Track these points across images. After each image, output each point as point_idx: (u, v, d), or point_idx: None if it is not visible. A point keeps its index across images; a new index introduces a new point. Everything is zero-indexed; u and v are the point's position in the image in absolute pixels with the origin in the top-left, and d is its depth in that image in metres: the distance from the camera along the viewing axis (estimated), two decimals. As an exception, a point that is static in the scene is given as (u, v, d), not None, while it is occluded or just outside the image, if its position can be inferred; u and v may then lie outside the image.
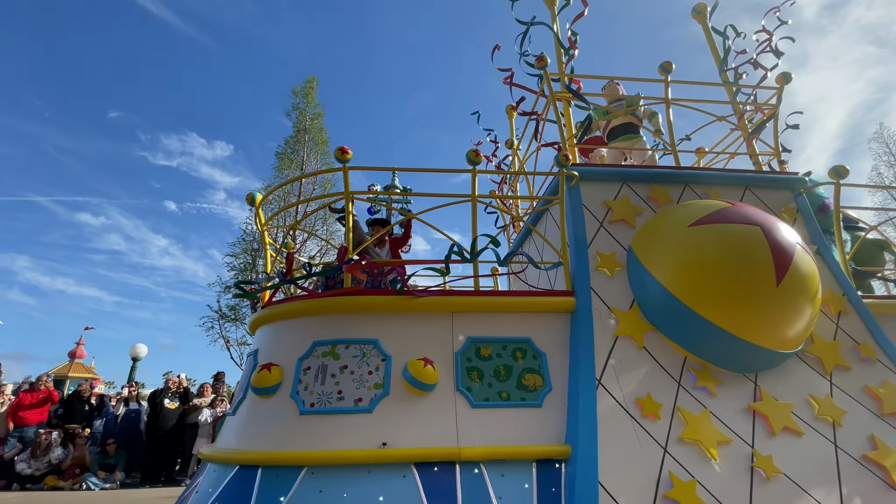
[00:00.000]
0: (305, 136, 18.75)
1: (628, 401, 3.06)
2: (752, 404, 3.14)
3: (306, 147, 18.46)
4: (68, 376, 16.53)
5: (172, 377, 8.78)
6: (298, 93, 19.71)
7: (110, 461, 7.64)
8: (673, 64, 4.39)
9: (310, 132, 18.91)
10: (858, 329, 3.67)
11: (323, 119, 19.87)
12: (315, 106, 19.69)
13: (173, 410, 8.13)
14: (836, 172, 4.06)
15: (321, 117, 19.78)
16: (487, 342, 3.32)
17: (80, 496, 6.73)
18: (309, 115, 19.29)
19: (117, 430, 8.34)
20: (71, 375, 16.59)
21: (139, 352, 13.65)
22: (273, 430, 3.02)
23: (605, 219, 3.91)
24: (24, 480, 7.21)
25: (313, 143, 18.89)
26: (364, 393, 3.03)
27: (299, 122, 19.09)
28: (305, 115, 19.24)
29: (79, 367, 17.29)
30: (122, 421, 8.49)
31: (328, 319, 3.36)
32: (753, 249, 3.16)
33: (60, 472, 7.45)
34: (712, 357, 3.28)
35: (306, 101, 19.56)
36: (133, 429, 8.33)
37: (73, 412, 8.29)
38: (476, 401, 3.06)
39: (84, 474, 7.37)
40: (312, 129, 19.08)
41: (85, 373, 17.04)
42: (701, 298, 3.20)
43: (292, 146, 18.49)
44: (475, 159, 3.59)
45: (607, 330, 3.38)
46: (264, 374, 3.17)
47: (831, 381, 3.39)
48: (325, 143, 19.23)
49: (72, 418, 8.18)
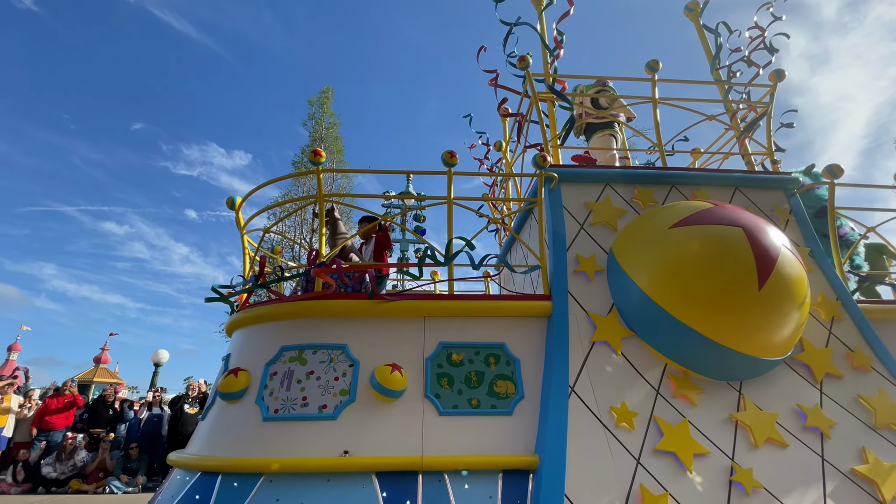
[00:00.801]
0: (322, 145, 19.17)
1: (602, 409, 2.94)
2: (733, 414, 3.00)
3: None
4: (93, 381, 16.88)
5: (193, 382, 8.92)
6: (314, 103, 20.17)
7: (133, 465, 7.74)
8: (660, 62, 4.28)
9: (325, 141, 19.32)
10: (853, 335, 3.49)
11: (338, 128, 20.29)
12: (330, 115, 20.15)
13: (194, 415, 8.23)
14: (829, 172, 3.90)
15: (336, 126, 20.20)
16: (460, 347, 3.23)
17: (104, 500, 6.82)
18: (324, 125, 19.73)
19: (140, 434, 8.45)
20: (96, 380, 16.93)
21: (161, 357, 13.86)
22: (236, 437, 2.97)
23: (586, 221, 3.80)
24: (50, 484, 7.33)
25: (329, 151, 19.27)
26: (329, 399, 2.97)
27: (315, 132, 19.53)
28: (321, 124, 19.69)
29: (104, 373, 17.68)
30: (144, 426, 8.61)
31: (298, 324, 3.31)
32: (735, 252, 3.03)
33: (84, 475, 7.56)
34: (693, 364, 3.14)
35: (322, 111, 20.02)
36: (155, 433, 8.43)
37: (97, 417, 8.46)
38: (444, 408, 2.97)
39: (107, 478, 7.47)
40: (328, 137, 19.49)
41: (109, 378, 17.40)
42: (680, 303, 3.07)
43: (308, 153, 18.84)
44: (450, 161, 3.53)
45: (584, 335, 3.27)
46: (230, 380, 3.13)
47: (821, 390, 3.22)
48: (341, 151, 19.64)
49: (96, 423, 8.36)
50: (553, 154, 4.33)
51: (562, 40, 4.78)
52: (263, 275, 3.48)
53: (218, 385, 3.18)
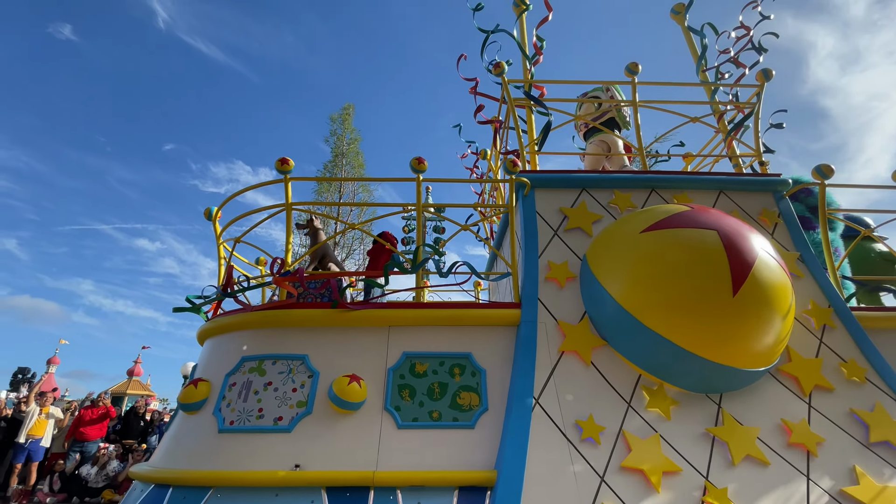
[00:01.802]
0: (343, 160, 19.69)
1: (567, 423, 2.79)
2: (710, 429, 2.81)
3: (344, 170, 19.33)
4: (126, 393, 17.32)
5: None
6: (336, 119, 20.76)
7: (163, 475, 7.85)
8: (639, 65, 4.18)
9: (347, 156, 19.88)
10: (846, 345, 3.26)
11: (359, 143, 20.81)
12: (351, 131, 20.71)
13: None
14: (819, 172, 3.70)
15: (357, 142, 20.74)
16: (424, 358, 3.13)
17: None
18: (346, 140, 20.26)
19: (170, 445, 8.61)
20: (129, 392, 17.36)
21: (190, 370, 14.03)
22: (190, 448, 2.92)
23: (560, 227, 3.69)
24: (84, 493, 7.45)
25: (350, 166, 19.82)
26: (285, 411, 2.90)
27: (337, 147, 20.08)
28: (343, 140, 20.23)
29: (136, 385, 18.13)
30: (174, 437, 8.78)
31: (260, 334, 3.27)
32: (708, 256, 2.88)
33: (117, 485, 7.66)
34: (668, 375, 2.97)
35: (343, 127, 20.58)
36: (184, 444, 8.58)
37: (129, 428, 8.67)
38: (403, 421, 2.86)
39: (139, 488, 7.56)
40: (349, 152, 20.04)
41: (142, 390, 17.83)
42: (651, 310, 2.92)
43: (331, 170, 19.39)
44: (418, 167, 3.48)
45: (553, 344, 3.13)
46: (189, 390, 3.09)
47: (810, 403, 3.00)
48: (362, 165, 20.19)
49: (128, 434, 8.55)
50: (531, 160, 4.25)
51: (542, 46, 4.72)
52: (230, 284, 3.46)
53: (178, 396, 3.15)
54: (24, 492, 7.34)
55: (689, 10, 5.05)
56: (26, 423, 7.65)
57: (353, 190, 19.11)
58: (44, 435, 7.81)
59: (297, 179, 3.60)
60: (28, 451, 7.58)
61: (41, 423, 7.80)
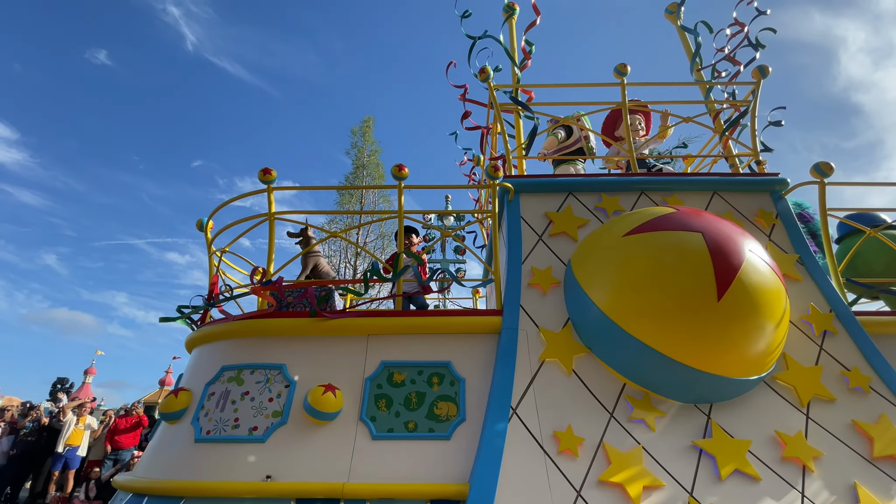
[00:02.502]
0: (364, 172, 20.09)
1: (545, 434, 2.70)
2: (697, 441, 2.67)
3: (365, 181, 19.72)
4: (158, 402, 17.76)
5: None
6: (356, 132, 21.25)
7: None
8: (628, 66, 4.10)
9: (367, 167, 20.30)
10: (849, 352, 3.07)
11: (379, 155, 21.26)
12: (372, 143, 21.16)
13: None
14: (818, 170, 3.54)
15: (378, 153, 21.14)
16: (402, 367, 3.08)
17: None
18: (366, 152, 20.69)
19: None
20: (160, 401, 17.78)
21: None
22: (168, 458, 2.93)
23: (545, 232, 3.61)
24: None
25: (371, 177, 20.22)
26: (261, 421, 2.88)
27: (358, 159, 20.54)
28: (363, 152, 20.70)
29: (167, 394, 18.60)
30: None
31: (240, 343, 3.28)
32: (691, 259, 2.76)
33: None
34: (654, 385, 2.85)
35: (364, 140, 21.02)
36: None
37: None
38: (378, 432, 2.81)
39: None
40: (370, 164, 20.46)
41: None
42: (634, 317, 2.81)
43: (352, 181, 19.77)
44: (399, 174, 3.46)
45: (533, 352, 3.04)
46: (170, 400, 3.11)
47: (808, 414, 2.82)
48: (383, 177, 20.64)
49: None
50: (518, 164, 4.20)
51: (531, 50, 4.69)
52: (212, 295, 3.49)
53: (158, 406, 3.17)
54: (61, 499, 7.64)
55: (681, 8, 4.94)
56: (64, 433, 7.99)
57: (373, 200, 19.37)
58: (80, 444, 8.16)
59: (280, 189, 3.63)
60: (65, 459, 7.93)
61: (78, 433, 8.17)
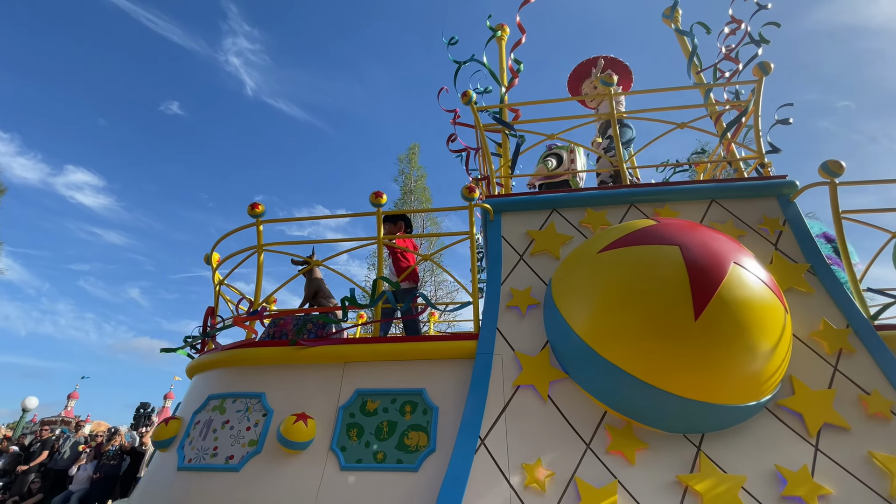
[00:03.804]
0: (411, 197, 20.84)
1: (513, 466, 2.56)
2: (681, 476, 2.42)
3: (412, 206, 20.40)
4: None
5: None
6: (403, 159, 22.20)
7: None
8: (614, 76, 3.96)
9: (415, 192, 21.09)
10: (868, 373, 2.70)
11: (426, 179, 22.01)
12: (418, 169, 22.00)
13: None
14: (826, 170, 3.21)
15: (424, 178, 21.93)
16: (376, 395, 3.05)
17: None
18: (413, 178, 21.50)
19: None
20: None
21: None
22: (153, 485, 3.05)
23: (526, 251, 3.50)
24: None
25: (418, 201, 20.93)
26: (237, 450, 2.94)
27: (405, 185, 21.40)
28: (410, 178, 21.49)
29: None
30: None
31: (227, 372, 3.39)
32: (666, 275, 2.56)
33: None
34: (635, 413, 2.63)
35: (410, 166, 21.88)
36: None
37: None
38: (347, 462, 2.78)
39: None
40: (417, 189, 21.26)
41: None
42: (607, 339, 2.64)
43: (400, 206, 20.57)
44: (375, 201, 3.51)
45: (508, 378, 2.92)
46: (160, 428, 3.25)
47: (816, 445, 2.49)
48: (430, 201, 21.31)
49: None
50: (504, 183, 4.13)
51: (518, 69, 4.66)
52: (206, 326, 3.65)
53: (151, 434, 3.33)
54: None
55: (674, 10, 4.73)
56: (147, 458, 8.47)
57: (421, 224, 19.90)
58: None
59: (268, 222, 3.78)
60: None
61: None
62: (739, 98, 4.23)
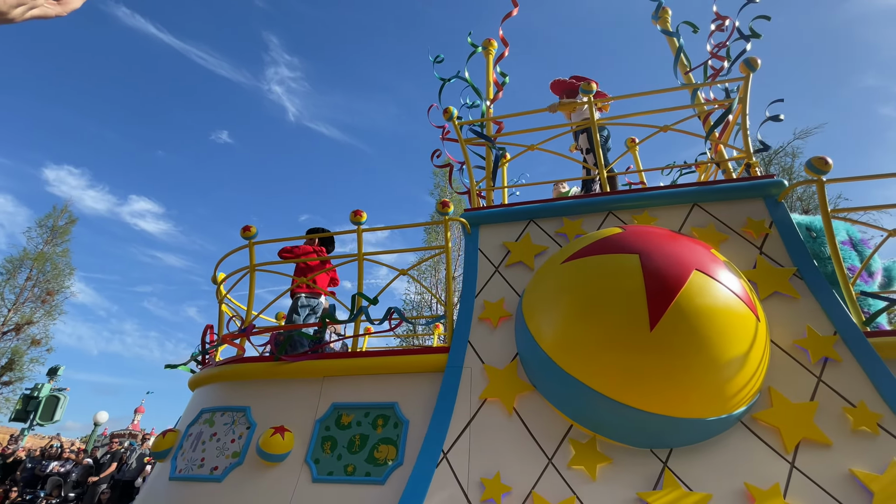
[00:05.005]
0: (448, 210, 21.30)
1: (472, 481, 2.56)
2: (642, 493, 2.34)
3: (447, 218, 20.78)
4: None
5: None
6: (438, 173, 22.61)
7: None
8: (594, 83, 3.93)
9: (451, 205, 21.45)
10: (855, 383, 2.51)
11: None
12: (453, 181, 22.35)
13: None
14: (812, 168, 3.04)
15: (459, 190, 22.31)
16: (350, 409, 3.14)
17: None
18: (448, 191, 21.94)
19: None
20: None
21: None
22: (150, 494, 3.25)
23: (502, 263, 3.51)
24: None
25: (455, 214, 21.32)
26: (221, 461, 3.10)
27: (440, 199, 21.76)
28: (445, 191, 21.87)
29: None
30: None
31: (219, 387, 3.58)
32: (622, 285, 2.51)
33: None
34: (599, 427, 2.57)
35: (445, 179, 22.35)
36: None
37: None
38: (319, 474, 2.88)
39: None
40: (453, 201, 21.59)
41: None
42: (566, 351, 2.60)
43: (436, 219, 20.95)
44: (355, 219, 3.64)
45: (475, 391, 2.93)
46: (158, 440, 3.48)
47: (792, 462, 2.34)
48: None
49: None
50: (486, 196, 4.17)
51: (503, 82, 4.70)
52: (204, 343, 3.88)
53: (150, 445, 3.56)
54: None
55: (658, 9, 4.62)
56: None
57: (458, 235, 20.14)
58: None
59: (260, 243, 3.99)
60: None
61: None
62: (730, 96, 4.07)
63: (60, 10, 0.99)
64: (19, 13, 0.91)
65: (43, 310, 22.72)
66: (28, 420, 15.70)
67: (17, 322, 21.92)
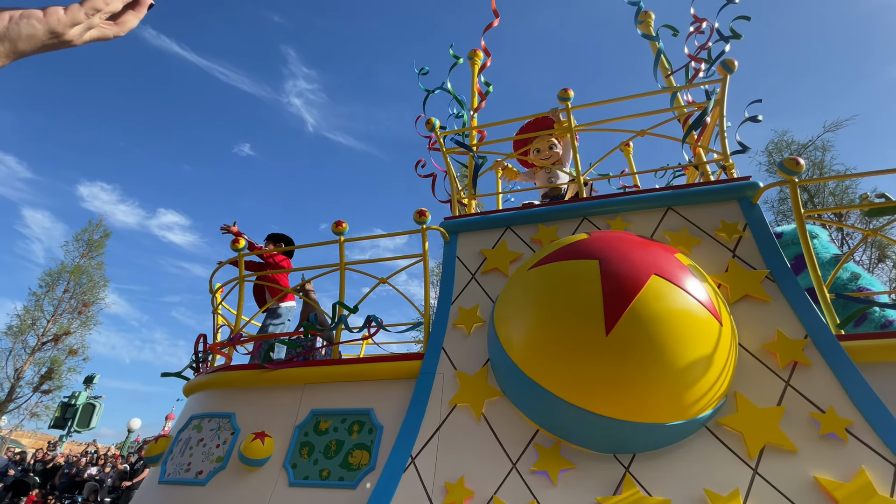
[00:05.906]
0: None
1: (437, 486, 2.60)
2: (601, 498, 2.34)
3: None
4: None
5: None
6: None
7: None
8: (570, 91, 3.97)
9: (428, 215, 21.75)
10: (824, 388, 2.45)
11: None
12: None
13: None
14: (784, 170, 3.00)
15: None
16: (328, 415, 3.22)
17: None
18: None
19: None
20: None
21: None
22: (140, 496, 3.40)
23: (478, 270, 3.56)
24: None
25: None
26: (206, 466, 3.22)
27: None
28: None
29: None
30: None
31: (208, 395, 3.72)
32: (579, 290, 2.54)
33: None
34: (563, 432, 2.59)
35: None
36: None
37: None
38: (295, 479, 2.96)
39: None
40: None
41: None
42: (527, 357, 2.63)
43: None
44: (336, 230, 3.76)
45: (446, 397, 2.98)
46: (151, 446, 3.63)
47: (755, 468, 2.30)
48: None
49: None
50: (468, 204, 4.23)
51: (487, 91, 4.78)
52: (196, 351, 4.04)
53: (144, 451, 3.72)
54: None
55: (638, 14, 4.62)
56: None
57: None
58: None
59: (250, 253, 4.15)
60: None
61: None
62: (710, 98, 4.04)
63: (118, 30, 0.95)
64: (77, 34, 0.86)
65: (79, 320, 23.73)
66: (66, 427, 16.34)
67: (56, 333, 22.94)
